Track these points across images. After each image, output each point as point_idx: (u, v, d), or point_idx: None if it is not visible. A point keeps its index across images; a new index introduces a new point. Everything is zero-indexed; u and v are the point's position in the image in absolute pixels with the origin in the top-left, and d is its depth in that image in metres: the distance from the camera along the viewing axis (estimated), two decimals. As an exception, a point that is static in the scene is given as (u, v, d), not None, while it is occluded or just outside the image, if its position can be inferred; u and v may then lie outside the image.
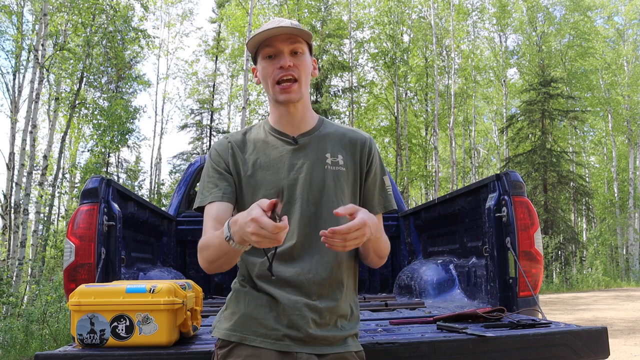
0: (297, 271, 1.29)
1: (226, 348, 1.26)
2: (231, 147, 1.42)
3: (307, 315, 1.25)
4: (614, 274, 19.50)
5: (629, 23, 23.32)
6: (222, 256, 1.24)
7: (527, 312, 2.08)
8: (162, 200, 15.13)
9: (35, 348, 5.81)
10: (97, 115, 14.04)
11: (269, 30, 1.31)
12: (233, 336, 1.26)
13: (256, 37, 1.33)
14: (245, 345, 1.24)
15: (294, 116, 1.40)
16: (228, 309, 1.34)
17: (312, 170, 1.37)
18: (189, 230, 3.55)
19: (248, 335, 1.25)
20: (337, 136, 1.44)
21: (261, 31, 1.33)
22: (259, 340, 1.24)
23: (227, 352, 1.26)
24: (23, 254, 10.75)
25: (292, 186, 1.35)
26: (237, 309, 1.30)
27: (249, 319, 1.27)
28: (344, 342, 1.30)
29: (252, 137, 1.43)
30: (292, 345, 1.24)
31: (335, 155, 1.40)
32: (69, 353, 1.50)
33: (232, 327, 1.28)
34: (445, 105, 21.53)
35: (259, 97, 22.59)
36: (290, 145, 1.39)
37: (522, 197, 2.20)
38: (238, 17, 19.81)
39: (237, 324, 1.28)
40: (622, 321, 7.52)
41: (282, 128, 1.41)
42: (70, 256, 2.05)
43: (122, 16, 13.59)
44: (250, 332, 1.25)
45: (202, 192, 1.40)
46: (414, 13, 22.04)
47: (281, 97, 1.35)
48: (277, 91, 1.35)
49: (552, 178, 19.09)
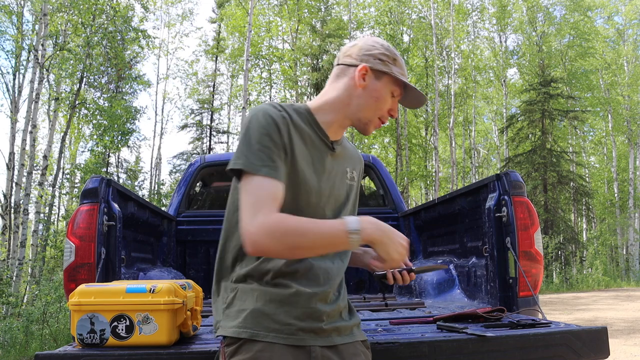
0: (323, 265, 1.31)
1: (235, 345, 1.24)
2: (287, 123, 1.27)
3: (320, 308, 1.26)
4: (614, 274, 19.51)
5: (629, 23, 23.32)
6: (317, 248, 1.18)
7: (527, 312, 2.08)
8: (162, 200, 15.13)
9: (35, 348, 5.81)
10: (97, 115, 14.04)
11: (418, 92, 1.39)
12: (243, 333, 1.22)
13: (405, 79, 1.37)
14: (256, 341, 1.21)
15: (343, 130, 1.41)
16: (233, 306, 1.31)
17: (340, 180, 1.40)
18: (189, 230, 3.55)
19: (259, 332, 1.22)
20: (351, 152, 1.49)
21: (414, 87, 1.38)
22: (272, 336, 1.21)
23: (235, 349, 1.24)
24: (23, 254, 10.75)
25: (325, 191, 1.35)
26: (244, 306, 1.27)
27: (259, 315, 1.24)
28: (351, 332, 1.33)
29: (298, 122, 1.31)
30: (306, 338, 1.23)
31: (352, 171, 1.45)
32: (69, 353, 1.50)
33: (242, 323, 1.24)
34: (445, 105, 21.54)
35: (259, 97, 22.61)
36: (327, 149, 1.37)
37: (522, 197, 2.20)
38: (238, 17, 19.80)
39: (246, 320, 1.24)
40: (622, 321, 7.52)
41: (326, 128, 1.37)
42: (70, 256, 2.05)
43: (122, 16, 13.60)
44: (262, 328, 1.22)
45: (250, 156, 1.20)
46: (414, 13, 22.05)
47: (370, 129, 1.39)
48: (374, 123, 1.38)
49: (552, 178, 19.10)
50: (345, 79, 1.36)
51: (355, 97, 1.34)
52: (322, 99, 1.38)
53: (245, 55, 15.27)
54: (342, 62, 1.38)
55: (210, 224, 3.56)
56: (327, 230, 1.16)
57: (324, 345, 1.25)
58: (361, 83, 1.33)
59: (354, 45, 1.39)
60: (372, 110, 1.36)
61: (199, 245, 3.56)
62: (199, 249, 3.57)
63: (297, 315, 1.24)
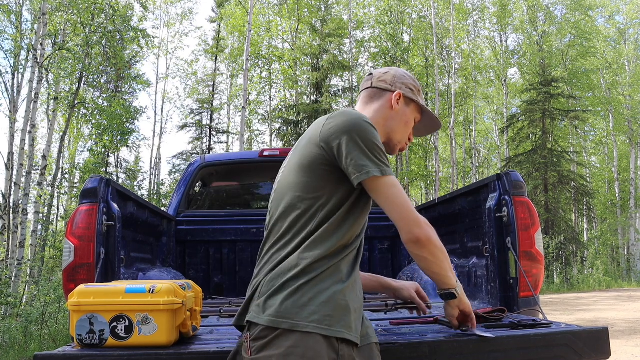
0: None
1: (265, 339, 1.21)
2: None
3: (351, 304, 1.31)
4: (615, 274, 19.52)
5: (630, 22, 23.32)
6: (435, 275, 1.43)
7: (527, 313, 2.08)
8: (162, 200, 15.12)
9: (34, 348, 5.81)
10: (97, 115, 14.03)
11: (436, 118, 1.62)
12: (283, 323, 1.21)
13: (428, 109, 1.59)
14: (293, 331, 1.18)
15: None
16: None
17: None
18: (189, 230, 3.54)
19: (299, 322, 1.20)
20: None
21: (434, 115, 1.61)
22: (312, 327, 1.19)
23: (265, 343, 1.21)
24: (22, 254, 10.75)
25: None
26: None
27: (297, 306, 1.26)
28: (367, 333, 1.38)
29: None
30: (342, 331, 1.23)
31: None
32: (68, 353, 1.49)
33: (280, 313, 1.22)
34: (446, 105, 21.53)
35: (258, 97, 22.61)
36: None
37: (523, 197, 2.19)
38: (238, 16, 19.80)
39: (286, 310, 1.25)
40: (623, 322, 7.52)
41: None
42: (70, 256, 2.04)
43: (121, 15, 13.59)
44: (301, 319, 1.22)
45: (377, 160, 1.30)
46: (415, 12, 22.05)
47: (396, 151, 1.55)
48: (399, 146, 1.55)
49: (552, 178, 19.09)
50: (380, 102, 1.51)
51: (388, 119, 1.50)
52: None
53: (245, 55, 15.27)
54: (377, 86, 1.53)
55: (210, 224, 3.55)
56: (450, 271, 1.42)
57: (352, 341, 1.24)
58: (395, 107, 1.50)
59: (387, 73, 1.55)
60: (401, 133, 1.53)
61: (199, 246, 3.56)
62: (199, 249, 3.56)
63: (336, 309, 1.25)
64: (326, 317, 1.21)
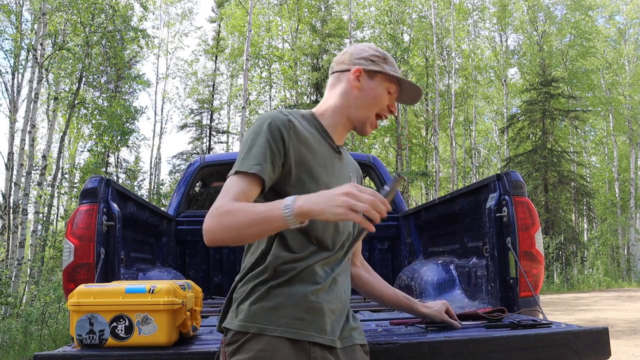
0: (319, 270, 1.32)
1: (236, 344, 1.22)
2: (292, 127, 1.30)
3: (323, 304, 1.27)
4: (615, 274, 19.52)
5: (630, 22, 23.32)
6: (254, 226, 1.12)
7: (527, 313, 2.08)
8: (162, 200, 15.11)
9: (34, 349, 5.81)
10: (97, 115, 14.04)
11: (414, 85, 1.44)
12: (251, 327, 1.21)
13: (397, 75, 1.42)
14: (262, 335, 1.19)
15: (346, 134, 1.46)
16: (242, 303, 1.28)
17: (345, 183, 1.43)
18: (189, 230, 3.54)
19: (268, 326, 1.20)
20: (350, 159, 1.54)
21: (408, 80, 1.42)
22: (280, 331, 1.19)
23: (236, 348, 1.21)
24: (22, 254, 10.75)
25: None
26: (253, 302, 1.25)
27: (266, 310, 1.23)
28: (350, 335, 1.33)
29: (306, 126, 1.36)
30: (314, 335, 1.22)
31: (353, 177, 1.50)
32: (68, 353, 1.49)
33: (249, 318, 1.23)
34: (446, 105, 21.53)
35: (258, 97, 22.60)
36: (335, 153, 1.42)
37: (523, 197, 2.19)
38: (238, 16, 19.80)
39: (254, 315, 1.23)
40: (623, 322, 7.52)
41: (331, 132, 1.42)
42: (70, 256, 2.04)
43: (121, 15, 13.59)
44: (270, 323, 1.21)
45: (246, 159, 1.23)
46: (415, 12, 22.04)
47: (367, 129, 1.44)
48: (371, 122, 1.43)
49: (552, 178, 19.09)
50: (341, 84, 1.42)
51: (353, 99, 1.40)
52: (324, 105, 1.44)
53: (245, 55, 15.26)
54: (337, 70, 1.45)
55: (210, 224, 3.54)
56: (263, 208, 1.13)
57: (325, 344, 1.23)
58: (356, 84, 1.40)
59: (345, 53, 1.46)
60: (369, 109, 1.41)
61: (199, 246, 3.56)
62: (199, 249, 3.56)
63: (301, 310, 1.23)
64: (296, 320, 1.20)
